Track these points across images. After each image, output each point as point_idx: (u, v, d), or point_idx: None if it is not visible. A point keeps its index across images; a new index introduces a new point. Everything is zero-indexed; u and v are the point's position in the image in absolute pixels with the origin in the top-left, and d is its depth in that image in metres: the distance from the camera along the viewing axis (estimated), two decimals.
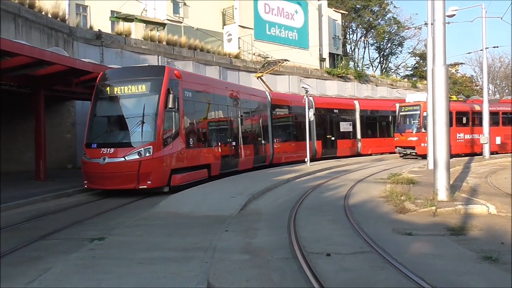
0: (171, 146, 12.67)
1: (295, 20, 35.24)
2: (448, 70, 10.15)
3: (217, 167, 15.34)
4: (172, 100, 12.39)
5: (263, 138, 19.40)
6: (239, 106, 17.60)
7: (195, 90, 14.23)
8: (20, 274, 5.47)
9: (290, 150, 21.71)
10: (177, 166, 12.89)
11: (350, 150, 26.12)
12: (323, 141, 24.20)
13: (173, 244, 6.65)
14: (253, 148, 18.32)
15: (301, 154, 21.38)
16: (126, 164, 11.84)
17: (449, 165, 9.81)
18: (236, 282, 4.99)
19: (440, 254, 6.02)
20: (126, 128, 12.74)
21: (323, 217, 8.75)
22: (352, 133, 26.60)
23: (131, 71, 13.93)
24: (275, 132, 20.69)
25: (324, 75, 35.33)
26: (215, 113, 15.82)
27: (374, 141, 27.93)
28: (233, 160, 16.50)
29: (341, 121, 25.87)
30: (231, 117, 16.85)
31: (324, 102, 25.84)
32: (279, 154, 20.77)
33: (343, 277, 5.16)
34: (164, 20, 28.01)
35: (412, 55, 55.56)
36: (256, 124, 19.19)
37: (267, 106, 20.35)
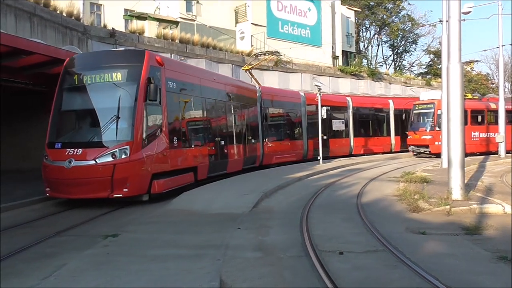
0: (152, 146, 10.76)
1: (308, 17, 35.08)
2: (463, 68, 10.04)
3: (205, 169, 13.45)
4: (153, 91, 10.52)
5: (253, 137, 17.68)
6: (228, 101, 15.78)
7: (180, 81, 12.28)
8: (35, 270, 5.54)
9: (282, 150, 20.26)
10: (159, 170, 10.96)
11: (342, 150, 24.90)
12: (315, 141, 22.53)
13: (185, 241, 6.68)
14: (242, 148, 16.55)
15: (294, 155, 20.77)
16: (97, 168, 9.84)
17: (463, 163, 9.70)
18: (248, 279, 5.00)
19: (454, 254, 5.96)
20: (97, 124, 10.65)
21: (336, 215, 8.72)
22: (345, 131, 25.33)
23: (104, 56, 12.08)
24: (266, 130, 19.12)
25: (337, 73, 35.16)
26: (202, 108, 13.80)
27: (368, 140, 26.76)
28: (222, 161, 14.67)
29: (333, 119, 24.55)
30: (219, 112, 15.10)
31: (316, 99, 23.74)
32: (270, 154, 19.19)
33: (356, 276, 5.13)
34: (177, 18, 28.13)
35: (426, 53, 55.02)
36: (246, 121, 17.32)
37: (257, 102, 18.75)
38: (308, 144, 22.23)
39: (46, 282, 4.89)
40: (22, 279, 5.19)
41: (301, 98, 22.48)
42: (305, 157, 21.81)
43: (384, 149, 27.44)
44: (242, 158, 16.48)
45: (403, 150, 27.83)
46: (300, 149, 21.65)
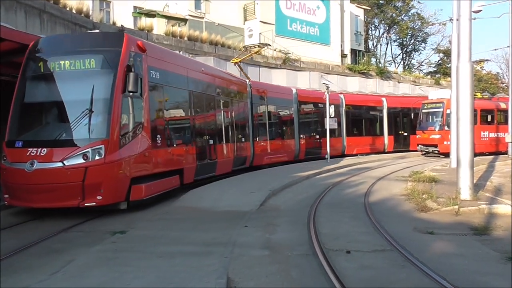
0: (132, 145, 9.23)
1: (317, 15, 34.95)
2: (473, 67, 9.96)
3: (191, 172, 11.99)
4: (133, 81, 8.98)
5: (243, 136, 16.35)
6: (217, 95, 14.32)
7: (164, 70, 10.73)
8: (44, 265, 5.59)
9: (273, 150, 18.88)
10: (139, 173, 9.48)
11: (335, 149, 23.28)
12: (307, 140, 21.76)
13: (193, 238, 6.71)
14: (232, 148, 15.13)
15: (285, 155, 19.74)
16: (65, 172, 8.26)
17: (472, 163, 9.63)
18: (255, 277, 5.01)
19: (462, 254, 5.93)
20: (66, 119, 9.01)
21: (343, 214, 8.70)
22: (337, 130, 23.88)
23: (77, 39, 10.45)
24: (257, 128, 17.82)
25: (345, 71, 35.01)
26: (189, 102, 12.27)
27: (361, 140, 25.81)
28: (210, 162, 13.23)
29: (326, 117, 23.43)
30: (208, 108, 13.59)
31: (307, 95, 23.06)
32: (261, 154, 17.89)
33: (363, 275, 5.12)
34: (185, 16, 28.16)
35: (436, 52, 54.59)
36: (236, 118, 15.91)
37: (248, 97, 17.33)
38: (300, 143, 21.12)
39: (54, 278, 4.94)
40: (31, 274, 5.24)
41: (292, 94, 21.33)
42: (296, 157, 20.72)
43: (377, 149, 26.52)
44: (232, 159, 15.12)
45: (396, 150, 27.23)
46: (291, 149, 20.53)
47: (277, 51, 30.40)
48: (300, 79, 30.38)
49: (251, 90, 17.68)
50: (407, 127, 28.22)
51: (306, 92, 23.79)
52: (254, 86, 18.12)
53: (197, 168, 12.25)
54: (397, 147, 27.40)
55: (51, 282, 4.82)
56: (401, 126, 28.28)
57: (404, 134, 28.05)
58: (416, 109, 28.18)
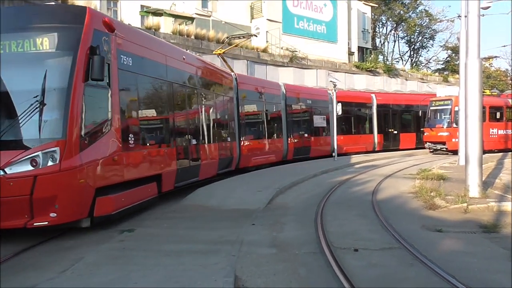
0: (96, 147, 7.34)
1: (324, 13, 34.85)
2: (482, 64, 9.89)
3: (171, 177, 10.14)
4: (97, 66, 7.07)
5: (228, 135, 14.67)
6: (201, 89, 12.51)
7: (138, 56, 8.85)
8: (53, 263, 5.62)
9: (261, 151, 17.33)
10: (106, 182, 7.58)
11: (324, 149, 22.30)
12: (296, 139, 20.22)
13: (200, 237, 6.72)
14: (217, 149, 13.26)
15: (273, 156, 18.25)
16: (7, 183, 6.46)
17: (481, 161, 9.58)
18: (263, 275, 5.01)
19: (471, 252, 5.90)
20: (10, 114, 7.06)
21: (351, 212, 8.68)
22: (326, 129, 22.71)
23: (26, 13, 7.97)
24: (243, 126, 16.24)
25: (352, 69, 34.91)
26: (169, 95, 10.40)
27: (350, 138, 24.39)
28: (192, 166, 11.42)
29: (315, 115, 22.09)
30: (190, 103, 11.81)
31: (295, 91, 21.51)
32: (248, 155, 16.25)
33: (371, 273, 5.11)
34: (192, 14, 28.18)
35: (444, 49, 54.21)
36: (221, 115, 14.28)
37: (234, 92, 15.72)
38: (288, 143, 19.57)
39: (63, 276, 4.97)
40: (40, 272, 5.27)
41: (280, 89, 19.81)
42: (284, 158, 19.27)
43: (367, 148, 25.36)
44: (217, 161, 13.23)
45: (386, 149, 26.18)
46: (279, 149, 18.91)
47: (284, 49, 30.36)
48: (307, 77, 30.34)
49: (237, 84, 16.04)
50: (397, 125, 27.38)
51: (294, 87, 22.31)
52: (240, 79, 16.48)
53: (177, 173, 10.34)
54: (387, 146, 26.39)
55: (60, 280, 4.85)
56: (391, 124, 27.12)
57: (394, 133, 27.00)
58: (409, 106, 28.02)
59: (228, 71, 16.37)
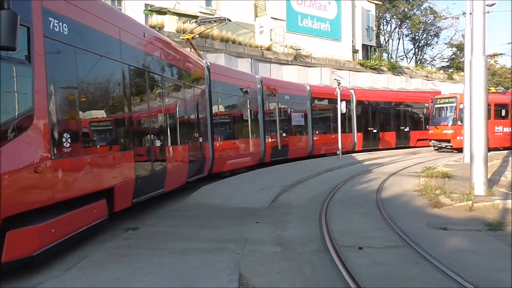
0: (6, 152, 4.93)
1: (328, 11, 34.78)
2: (487, 61, 9.84)
3: (127, 191, 7.69)
4: (6, 27, 4.72)
5: (200, 134, 12.21)
6: (166, 76, 9.96)
7: (77, 23, 6.41)
8: (58, 261, 5.65)
9: (237, 153, 15.25)
10: (23, 207, 5.14)
11: (301, 150, 20.45)
12: (273, 139, 18.26)
13: (204, 235, 6.73)
14: (187, 151, 10.89)
15: (250, 158, 16.13)
16: None
17: (486, 158, 9.53)
18: (267, 273, 5.01)
19: (476, 250, 5.87)
20: None
21: (355, 210, 8.67)
22: (304, 128, 20.82)
23: None
24: (217, 125, 14.07)
25: (357, 67, 34.83)
26: (123, 81, 7.82)
27: (328, 138, 22.49)
28: (156, 174, 8.91)
29: (293, 112, 20.13)
30: (152, 93, 9.22)
31: (273, 85, 19.34)
32: (222, 158, 14.02)
33: (376, 271, 5.09)
34: (196, 13, 28.18)
35: (449, 46, 54.01)
36: (191, 111, 11.75)
37: (205, 84, 13.27)
38: (266, 143, 17.59)
39: (68, 273, 4.99)
40: (45, 270, 5.30)
41: (257, 83, 17.64)
42: (261, 160, 17.33)
43: (346, 148, 23.28)
44: (187, 167, 10.88)
45: (366, 149, 24.51)
46: (256, 151, 16.84)
47: (288, 48, 30.32)
48: (311, 75, 30.31)
49: (209, 74, 13.66)
50: (377, 123, 25.78)
51: (272, 81, 20.38)
52: (213, 69, 14.08)
53: (136, 184, 7.85)
54: (366, 146, 24.71)
55: (65, 278, 4.87)
56: (371, 122, 25.45)
57: (374, 131, 25.37)
58: (390, 103, 26.78)
59: (199, 58, 14.01)
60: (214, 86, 13.79)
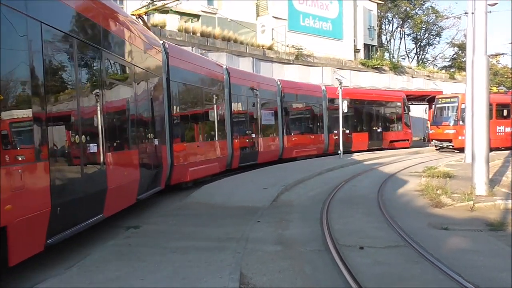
0: None
1: (330, 10, 34.75)
2: (489, 61, 9.83)
3: (37, 230, 4.96)
4: None
5: (156, 135, 9.48)
6: (109, 52, 7.15)
7: None
8: (60, 259, 5.67)
9: (200, 157, 12.32)
10: None
11: (271, 153, 18.02)
12: (242, 140, 15.66)
13: (206, 234, 6.74)
14: (137, 160, 8.24)
15: (216, 164, 13.39)
16: None
17: (488, 158, 9.52)
18: (268, 272, 5.01)
19: (478, 250, 5.87)
20: None
21: (356, 210, 8.66)
22: (274, 128, 18.36)
23: None
24: (177, 123, 11.29)
25: (358, 67, 34.78)
26: (41, 54, 5.11)
27: (300, 139, 20.35)
28: (89, 196, 6.28)
29: (263, 109, 17.63)
30: (89, 75, 6.67)
31: (241, 77, 16.60)
32: (183, 166, 11.24)
33: (377, 270, 5.09)
34: (198, 12, 28.20)
35: (451, 46, 53.97)
36: (144, 105, 8.94)
37: (163, 71, 10.59)
38: (234, 145, 14.88)
39: (69, 272, 4.99)
40: (46, 268, 5.31)
41: (224, 74, 14.86)
42: (228, 166, 14.75)
43: (318, 150, 21.35)
44: (138, 180, 8.16)
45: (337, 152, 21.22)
46: (223, 155, 14.09)
47: (289, 47, 30.30)
48: (312, 74, 30.28)
49: (167, 59, 10.85)
50: (350, 123, 23.43)
51: (239, 72, 17.48)
52: (172, 53, 11.16)
53: (53, 216, 5.19)
54: (338, 148, 21.38)
55: (67, 276, 4.88)
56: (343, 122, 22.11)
57: (346, 132, 22.71)
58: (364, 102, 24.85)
59: (155, 38, 10.69)
60: (174, 74, 11.09)
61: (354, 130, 23.80)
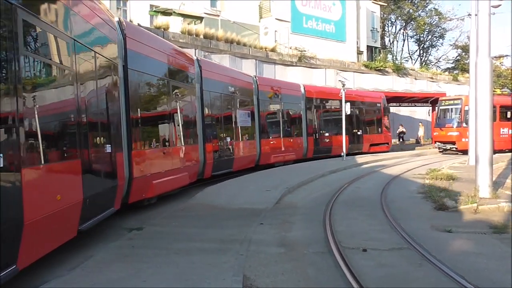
0: None
1: (333, 12, 34.78)
2: (492, 63, 9.81)
3: None
4: None
5: (109, 141, 7.33)
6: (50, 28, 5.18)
7: None
8: (63, 261, 5.68)
9: (167, 167, 9.90)
10: None
11: (249, 159, 15.77)
12: (216, 147, 13.20)
13: (209, 235, 6.73)
14: (80, 174, 5.96)
15: (186, 175, 10.88)
16: None
17: (492, 160, 9.49)
18: (271, 274, 5.01)
19: (481, 252, 5.85)
20: None
21: (359, 212, 8.65)
22: (251, 130, 16.13)
23: None
24: (136, 125, 8.82)
25: (361, 68, 34.78)
26: None
27: (278, 143, 18.00)
28: None
29: (239, 109, 15.34)
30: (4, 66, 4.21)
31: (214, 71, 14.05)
32: (146, 179, 8.89)
33: (380, 273, 5.08)
34: (201, 14, 28.25)
35: (454, 48, 53.87)
36: (94, 104, 6.85)
37: (119, 58, 8.28)
38: (206, 150, 12.38)
39: (73, 273, 5.00)
40: (50, 269, 5.33)
41: (195, 65, 12.41)
42: (200, 176, 12.36)
43: (297, 155, 19.30)
44: (80, 203, 5.95)
45: (317, 156, 20.36)
46: (194, 163, 11.70)
47: (292, 49, 30.32)
48: (315, 76, 30.30)
49: (125, 45, 8.55)
50: (331, 126, 21.89)
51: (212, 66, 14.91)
52: (131, 34, 8.87)
53: None
54: (317, 152, 20.63)
55: (70, 277, 4.89)
56: (323, 124, 21.63)
57: (325, 135, 21.40)
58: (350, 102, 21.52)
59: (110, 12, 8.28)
60: (133, 62, 8.62)
61: (334, 133, 21.63)
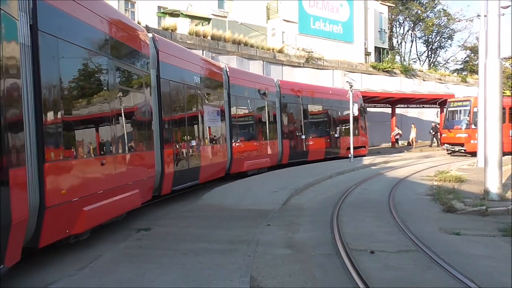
0: None
1: (340, 13, 34.70)
2: (502, 64, 9.74)
3: None
4: None
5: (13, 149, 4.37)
6: None
7: None
8: (73, 260, 5.72)
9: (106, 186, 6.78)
10: None
11: (218, 167, 12.97)
12: (178, 154, 10.34)
13: (216, 236, 6.75)
14: None
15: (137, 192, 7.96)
16: None
17: (501, 163, 9.42)
18: (278, 276, 5.01)
19: (490, 255, 5.81)
20: None
21: (367, 213, 8.61)
22: (221, 132, 13.43)
23: None
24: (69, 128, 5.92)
25: (369, 70, 34.64)
26: None
27: (251, 147, 15.44)
28: None
29: (206, 105, 12.34)
30: None
31: (174, 54, 10.65)
32: (70, 204, 5.71)
33: (388, 275, 5.07)
34: (209, 15, 28.32)
35: (463, 49, 53.55)
36: None
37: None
38: (164, 157, 9.59)
39: (82, 273, 5.04)
40: (60, 268, 5.36)
41: (150, 52, 9.17)
42: (156, 192, 9.54)
43: (271, 161, 16.75)
44: None
45: (292, 162, 18.03)
46: (147, 175, 8.65)
47: (300, 50, 30.29)
48: (323, 77, 30.23)
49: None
50: (307, 127, 19.47)
51: (175, 49, 11.18)
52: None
53: None
54: (294, 157, 18.27)
55: (78, 277, 4.92)
56: (300, 125, 19.07)
57: (302, 138, 18.95)
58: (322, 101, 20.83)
59: None
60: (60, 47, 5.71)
61: (311, 136, 19.66)
